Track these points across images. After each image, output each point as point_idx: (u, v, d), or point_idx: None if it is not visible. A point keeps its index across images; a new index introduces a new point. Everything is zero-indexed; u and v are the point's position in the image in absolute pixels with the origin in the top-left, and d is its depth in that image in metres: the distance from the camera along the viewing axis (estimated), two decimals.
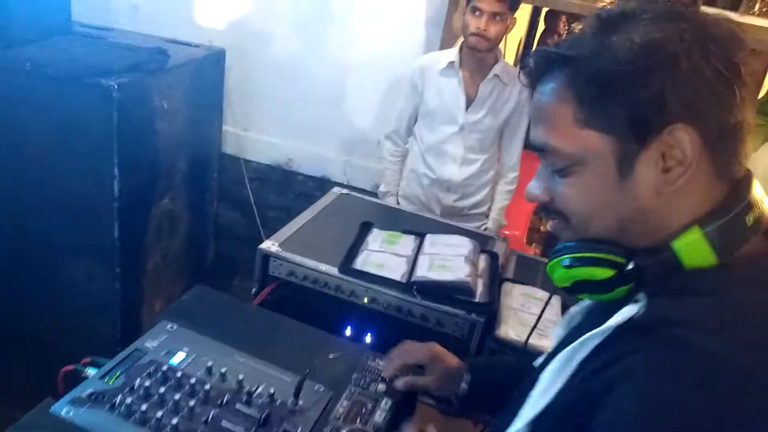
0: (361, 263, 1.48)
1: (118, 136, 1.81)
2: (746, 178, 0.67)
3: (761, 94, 2.98)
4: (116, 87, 1.75)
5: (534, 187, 0.74)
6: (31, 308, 2.13)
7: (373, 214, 1.78)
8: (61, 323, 2.09)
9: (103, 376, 0.97)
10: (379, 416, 1.01)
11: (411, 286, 1.41)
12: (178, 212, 2.39)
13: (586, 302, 0.83)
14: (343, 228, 1.65)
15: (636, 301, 0.64)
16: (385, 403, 1.04)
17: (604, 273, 0.68)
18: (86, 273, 2.03)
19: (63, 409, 0.90)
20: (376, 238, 1.61)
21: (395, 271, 1.47)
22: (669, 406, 0.55)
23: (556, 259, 0.71)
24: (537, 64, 0.70)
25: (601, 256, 0.68)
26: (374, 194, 2.45)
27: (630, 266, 0.66)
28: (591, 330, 0.66)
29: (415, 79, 2.18)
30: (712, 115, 0.62)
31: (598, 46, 0.64)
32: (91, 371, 1.01)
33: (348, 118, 2.83)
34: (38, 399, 0.92)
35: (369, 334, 1.46)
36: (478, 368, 1.10)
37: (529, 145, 0.72)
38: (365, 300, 1.44)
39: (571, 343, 0.69)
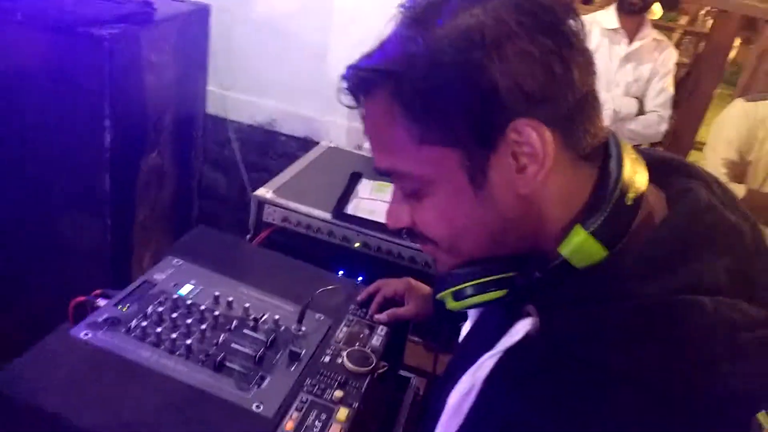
0: (352, 209, 1.55)
1: (110, 86, 1.82)
2: (609, 154, 0.60)
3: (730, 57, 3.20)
4: (108, 37, 1.75)
5: (394, 212, 0.68)
6: (26, 257, 2.16)
7: (362, 166, 1.84)
8: (56, 272, 2.13)
9: (116, 303, 1.02)
10: (376, 340, 1.09)
11: (401, 230, 1.48)
12: (166, 167, 2.40)
13: None
14: (334, 178, 1.71)
15: (527, 315, 0.60)
16: (381, 329, 1.12)
17: (495, 295, 0.62)
18: (78, 224, 2.06)
19: (81, 332, 0.95)
20: (366, 186, 1.67)
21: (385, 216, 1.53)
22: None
23: (443, 293, 0.66)
24: (354, 86, 0.64)
25: (486, 279, 0.62)
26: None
27: (520, 280, 0.61)
28: (492, 338, 0.63)
29: None
30: (553, 98, 0.55)
31: (411, 50, 0.57)
32: (101, 302, 1.06)
33: (332, 79, 2.78)
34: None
35: (360, 278, 1.54)
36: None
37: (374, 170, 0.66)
38: (357, 244, 1.52)
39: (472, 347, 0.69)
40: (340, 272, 1.54)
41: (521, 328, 0.59)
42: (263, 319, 1.06)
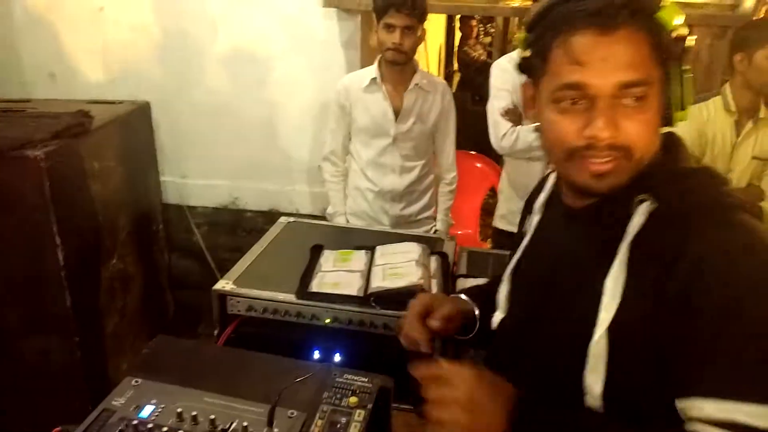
0: (317, 285, 1.50)
1: (54, 204, 1.80)
2: None
3: None
4: (43, 156, 1.73)
5: (605, 127, 0.79)
6: None
7: (323, 237, 1.81)
8: (28, 400, 2.04)
9: None
10: (354, 428, 1.03)
11: (368, 298, 1.44)
12: (129, 270, 2.36)
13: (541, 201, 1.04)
14: (295, 255, 1.67)
15: (641, 202, 0.81)
16: (359, 415, 1.07)
17: None
18: (44, 348, 1.99)
19: None
20: (328, 258, 1.63)
21: (351, 286, 1.50)
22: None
23: None
24: (619, 15, 0.78)
25: None
26: (325, 218, 2.49)
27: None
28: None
29: (341, 100, 2.23)
30: None
31: None
32: None
33: (284, 149, 2.86)
34: None
35: (337, 354, 1.48)
36: (468, 292, 1.22)
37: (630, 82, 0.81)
38: (327, 320, 1.47)
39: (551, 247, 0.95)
40: (316, 352, 1.49)
41: (644, 209, 0.81)
42: (231, 428, 1.00)
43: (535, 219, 1.06)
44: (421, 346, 1.11)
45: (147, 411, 1.04)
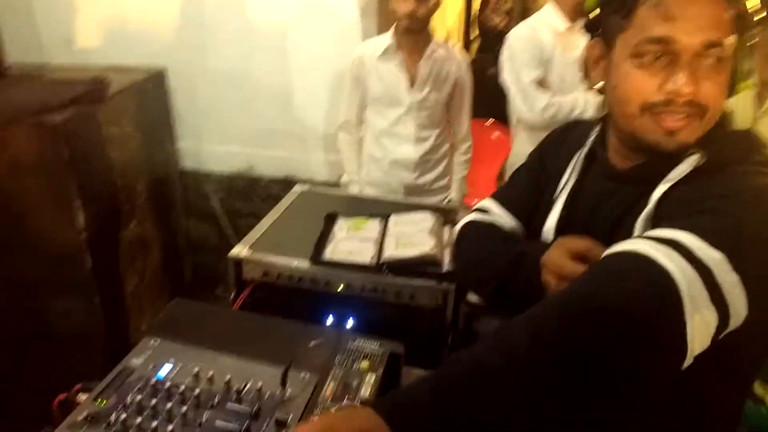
0: (330, 253, 1.53)
1: (73, 170, 1.83)
2: None
3: None
4: (61, 122, 1.76)
5: (688, 82, 0.81)
6: (21, 349, 2.14)
7: (337, 205, 1.82)
8: (51, 360, 2.11)
9: (95, 399, 1.00)
10: (365, 391, 1.06)
11: (381, 267, 1.46)
12: (148, 234, 2.41)
13: None
14: (310, 223, 1.69)
15: (691, 154, 0.85)
16: (370, 378, 1.09)
17: None
18: (66, 309, 2.05)
19: None
20: (342, 227, 1.65)
21: (364, 255, 1.52)
22: None
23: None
24: None
25: None
26: (340, 186, 2.50)
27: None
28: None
29: (355, 69, 2.22)
30: None
31: None
32: (83, 396, 1.04)
33: (300, 117, 2.86)
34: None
35: (350, 319, 1.51)
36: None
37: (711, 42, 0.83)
38: (340, 287, 1.49)
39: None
40: (329, 318, 1.52)
41: (692, 161, 0.85)
42: (246, 389, 1.03)
43: (572, 178, 1.06)
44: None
45: (165, 370, 1.07)
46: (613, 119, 0.95)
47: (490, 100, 2.86)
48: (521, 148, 2.39)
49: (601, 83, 0.95)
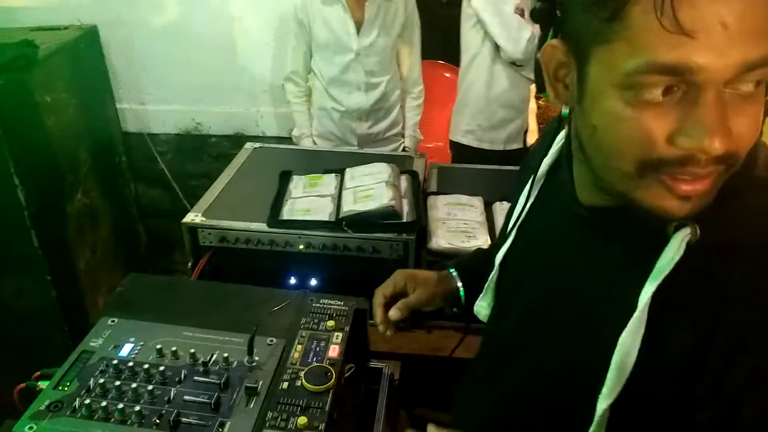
0: (287, 212, 1.50)
1: (7, 143, 1.72)
2: None
3: None
4: None
5: (718, 132, 0.52)
6: None
7: (291, 162, 1.78)
8: (6, 344, 2.05)
9: (56, 385, 0.97)
10: (332, 351, 1.06)
11: (340, 222, 1.45)
12: (95, 204, 2.31)
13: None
14: (264, 182, 1.65)
15: (681, 227, 0.58)
16: (337, 337, 1.09)
17: None
18: (20, 289, 1.97)
19: (25, 426, 0.90)
20: (297, 184, 1.62)
21: (322, 212, 1.50)
22: None
23: None
24: None
25: None
26: (292, 141, 2.44)
27: None
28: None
29: (299, 15, 2.13)
30: None
31: None
32: (43, 384, 1.01)
33: (245, 68, 2.75)
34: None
35: (313, 279, 1.50)
36: (460, 266, 1.14)
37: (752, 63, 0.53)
38: (301, 247, 1.48)
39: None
40: (292, 278, 1.51)
41: (682, 236, 0.58)
42: (212, 360, 1.02)
43: (533, 190, 0.85)
44: (379, 329, 1.14)
45: (126, 349, 1.05)
46: (586, 155, 0.64)
47: (440, 41, 2.80)
48: (481, 85, 2.29)
49: (566, 108, 0.66)
